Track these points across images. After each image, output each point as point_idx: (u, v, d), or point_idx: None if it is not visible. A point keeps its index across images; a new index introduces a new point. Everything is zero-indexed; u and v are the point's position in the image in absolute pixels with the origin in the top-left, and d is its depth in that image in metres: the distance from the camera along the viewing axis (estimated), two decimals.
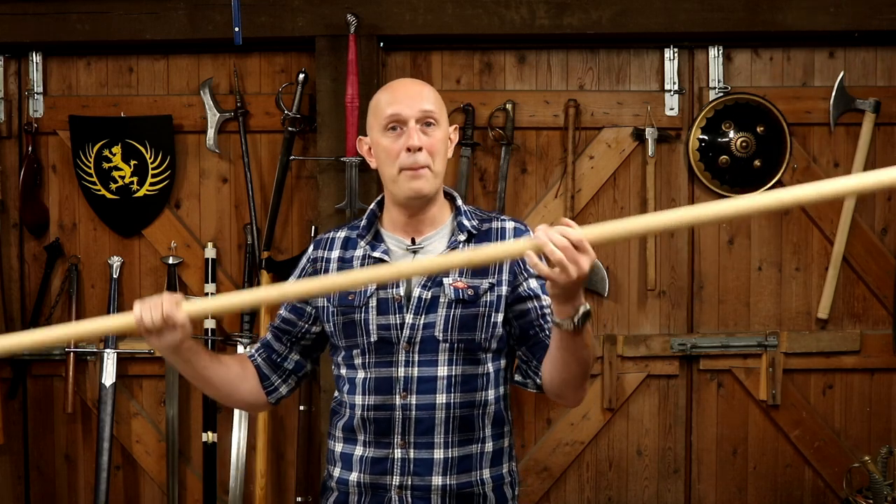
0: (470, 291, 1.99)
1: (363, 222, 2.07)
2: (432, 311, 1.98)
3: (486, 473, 2.02)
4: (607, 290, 3.70)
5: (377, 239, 2.05)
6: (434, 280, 1.99)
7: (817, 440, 3.75)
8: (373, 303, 1.99)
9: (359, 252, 2.04)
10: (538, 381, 1.99)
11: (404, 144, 1.95)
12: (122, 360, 3.69)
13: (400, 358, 1.98)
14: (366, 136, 2.07)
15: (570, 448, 3.73)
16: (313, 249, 2.11)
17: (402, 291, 1.99)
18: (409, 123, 1.96)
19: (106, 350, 3.66)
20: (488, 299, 2.00)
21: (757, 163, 3.68)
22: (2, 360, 3.68)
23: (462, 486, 1.99)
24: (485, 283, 2.00)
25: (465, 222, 2.04)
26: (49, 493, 3.80)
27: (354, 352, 2.01)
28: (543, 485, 3.69)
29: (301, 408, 3.60)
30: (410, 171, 1.95)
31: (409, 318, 1.97)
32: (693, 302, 3.76)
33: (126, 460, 3.79)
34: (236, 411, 3.64)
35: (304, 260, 2.12)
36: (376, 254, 2.01)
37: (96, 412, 3.68)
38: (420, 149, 1.95)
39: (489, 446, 2.03)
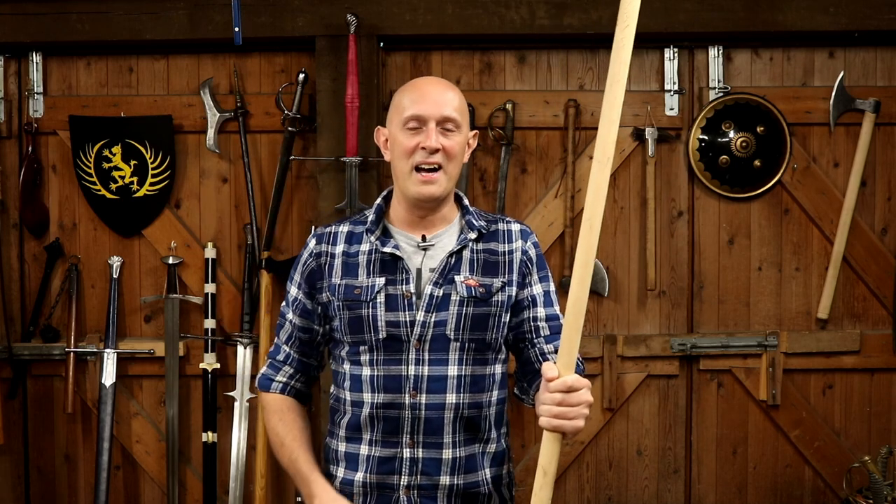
0: (482, 290, 1.98)
1: (371, 216, 2.05)
2: (443, 308, 1.97)
3: (489, 473, 2.03)
4: (607, 290, 3.70)
5: (385, 234, 2.03)
6: (446, 277, 1.98)
7: (817, 440, 3.75)
8: (381, 298, 1.97)
9: (365, 247, 2.02)
10: (532, 402, 2.02)
11: (421, 143, 1.95)
12: (122, 360, 3.69)
13: (410, 356, 1.96)
14: (384, 126, 2.07)
15: (570, 448, 3.73)
16: (316, 244, 2.07)
17: (412, 288, 1.97)
18: (429, 124, 1.95)
19: (106, 350, 3.66)
20: (500, 299, 2.00)
21: (757, 163, 3.68)
22: (2, 359, 3.69)
23: (468, 486, 2.00)
24: (497, 282, 2.00)
25: (474, 221, 2.04)
26: (49, 493, 3.80)
27: (361, 348, 1.98)
28: None
29: None
30: (423, 173, 1.95)
31: (420, 316, 1.96)
32: (693, 302, 3.76)
33: (126, 460, 3.79)
34: (236, 411, 3.64)
35: (304, 254, 2.08)
36: (387, 249, 1.99)
37: (96, 412, 3.68)
38: (437, 150, 1.94)
39: (492, 447, 2.04)
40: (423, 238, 2.02)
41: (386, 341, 1.96)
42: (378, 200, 2.08)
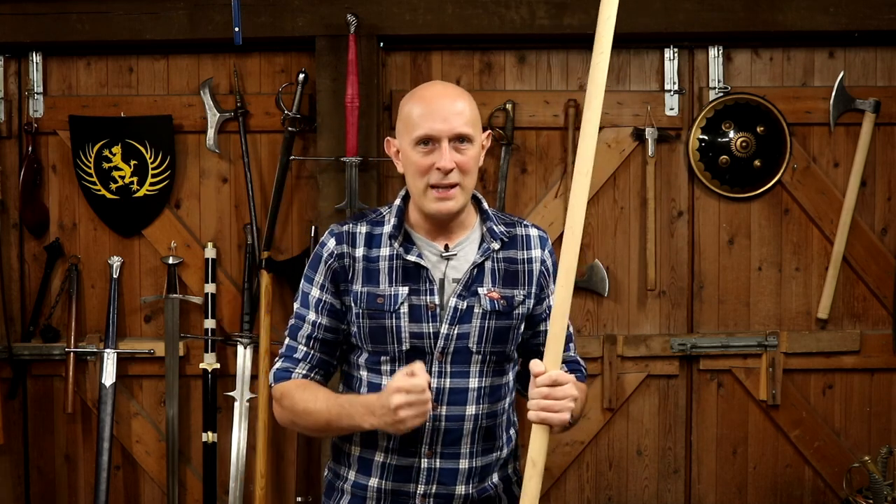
0: (504, 302, 1.96)
1: (393, 220, 1.97)
2: (466, 321, 1.94)
3: (496, 477, 2.03)
4: (607, 290, 3.70)
5: (407, 240, 1.97)
6: (469, 290, 1.95)
7: (817, 440, 3.75)
8: (405, 309, 1.92)
9: (385, 251, 1.95)
10: None
11: (436, 163, 1.88)
12: (122, 360, 3.69)
13: (433, 368, 1.93)
14: (393, 136, 2.00)
15: (570, 448, 3.73)
16: (336, 243, 1.97)
17: (436, 300, 1.93)
18: (442, 143, 1.88)
19: (106, 350, 3.65)
20: (520, 311, 1.99)
21: (757, 163, 3.68)
22: (2, 359, 3.69)
23: (481, 493, 2.00)
24: (518, 295, 1.98)
25: (496, 228, 2.00)
26: (49, 493, 3.80)
27: (382, 358, 1.95)
28: (543, 485, 3.68)
29: None
30: (439, 190, 1.89)
31: (443, 329, 1.93)
32: (693, 302, 3.76)
33: (126, 460, 3.79)
34: (236, 411, 3.64)
35: (324, 254, 1.98)
36: (411, 257, 1.94)
37: (96, 412, 3.68)
38: (452, 170, 1.88)
39: (504, 452, 2.05)
40: (446, 248, 1.97)
41: (409, 353, 1.92)
42: (397, 202, 2.00)
